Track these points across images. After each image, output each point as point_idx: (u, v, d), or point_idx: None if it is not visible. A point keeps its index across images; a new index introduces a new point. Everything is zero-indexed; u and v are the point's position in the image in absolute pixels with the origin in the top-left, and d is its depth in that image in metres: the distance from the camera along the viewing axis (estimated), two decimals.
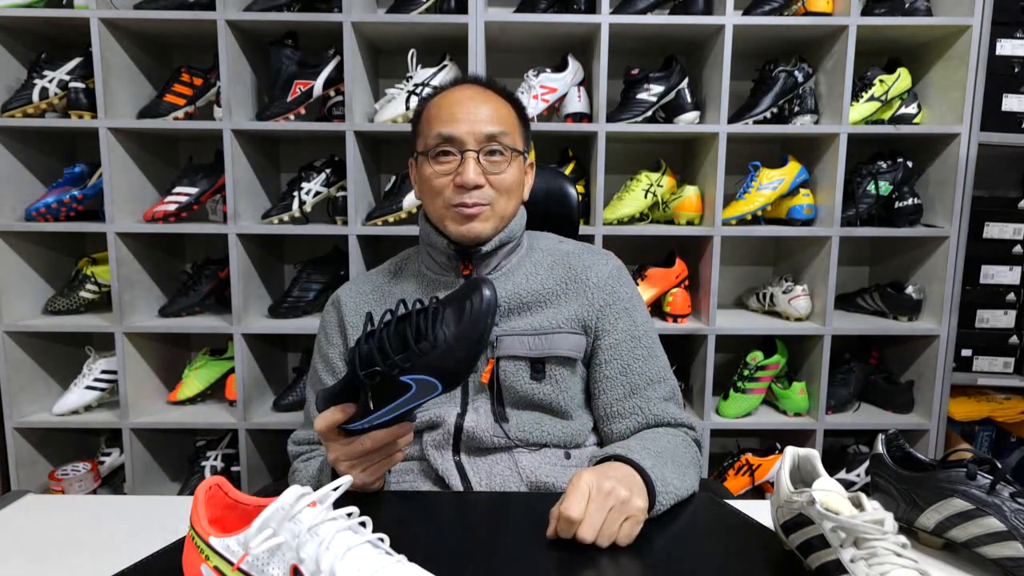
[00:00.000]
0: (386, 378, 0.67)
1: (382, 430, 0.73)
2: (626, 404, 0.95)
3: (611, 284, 0.98)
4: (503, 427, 0.91)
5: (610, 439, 0.96)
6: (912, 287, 1.83)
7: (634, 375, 0.95)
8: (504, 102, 0.98)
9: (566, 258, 1.01)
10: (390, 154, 2.00)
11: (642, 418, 0.93)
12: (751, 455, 1.87)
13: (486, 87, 0.98)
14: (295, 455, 1.00)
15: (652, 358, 0.97)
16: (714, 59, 1.72)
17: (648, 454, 0.79)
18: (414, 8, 1.69)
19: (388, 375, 0.66)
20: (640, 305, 1.02)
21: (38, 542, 0.72)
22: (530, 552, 0.67)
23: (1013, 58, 1.73)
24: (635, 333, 0.97)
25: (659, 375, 0.97)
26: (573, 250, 1.03)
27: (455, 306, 0.68)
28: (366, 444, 0.73)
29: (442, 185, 0.93)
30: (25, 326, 1.74)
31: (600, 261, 1.01)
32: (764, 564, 0.66)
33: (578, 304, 0.96)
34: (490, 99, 0.96)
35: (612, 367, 0.96)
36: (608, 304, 0.97)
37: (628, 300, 0.99)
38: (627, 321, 0.97)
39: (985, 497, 0.64)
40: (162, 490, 1.91)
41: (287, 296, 1.82)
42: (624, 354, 0.96)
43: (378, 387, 0.68)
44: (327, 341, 1.03)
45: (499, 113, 0.95)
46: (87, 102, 1.68)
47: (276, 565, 0.51)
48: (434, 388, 0.67)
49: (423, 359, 0.66)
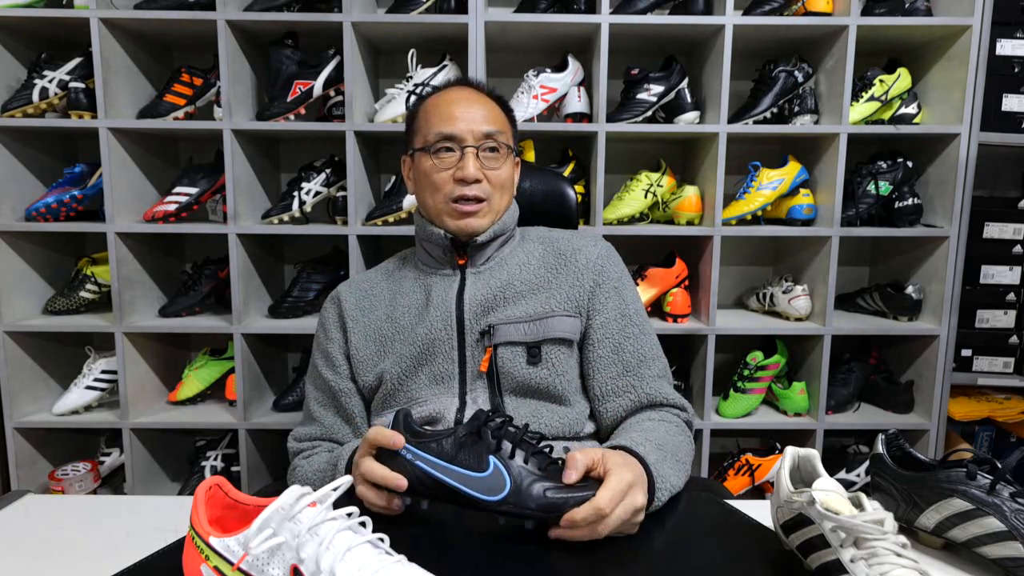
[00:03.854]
0: (487, 446, 0.68)
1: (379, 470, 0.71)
2: (620, 383, 0.97)
3: (600, 264, 1.01)
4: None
5: (604, 419, 0.98)
6: (912, 287, 1.83)
7: (626, 353, 0.97)
8: (495, 104, 1.03)
9: (556, 244, 1.04)
10: (390, 154, 2.00)
11: (635, 396, 0.95)
12: (751, 455, 1.87)
13: (478, 89, 1.04)
14: (296, 452, 1.01)
15: (643, 336, 1.00)
16: (714, 59, 1.72)
17: (652, 447, 0.81)
18: (414, 8, 1.69)
19: (499, 440, 0.69)
20: (630, 284, 1.04)
21: (38, 542, 0.72)
22: (530, 552, 0.67)
23: (1013, 58, 1.73)
24: (625, 311, 1.00)
25: (651, 352, 0.99)
26: (562, 236, 1.07)
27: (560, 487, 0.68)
28: (362, 466, 0.72)
29: (442, 180, 0.97)
30: (25, 326, 1.74)
31: (589, 243, 1.04)
32: (764, 564, 0.66)
33: (569, 286, 0.99)
34: (483, 100, 1.01)
35: (604, 346, 0.98)
36: (598, 284, 0.99)
37: (617, 280, 1.02)
38: (617, 300, 1.00)
39: (985, 497, 0.64)
40: (162, 490, 1.91)
41: (287, 296, 1.82)
42: (615, 333, 0.98)
43: (474, 442, 0.69)
44: (326, 337, 1.03)
45: (493, 113, 1.00)
46: (87, 102, 1.68)
47: (276, 565, 0.51)
48: (499, 491, 0.67)
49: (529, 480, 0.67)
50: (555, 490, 0.67)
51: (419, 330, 0.97)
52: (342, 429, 1.01)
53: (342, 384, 1.01)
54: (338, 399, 1.00)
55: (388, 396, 0.98)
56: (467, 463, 0.68)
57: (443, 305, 0.97)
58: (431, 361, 0.96)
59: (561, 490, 0.67)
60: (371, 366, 0.99)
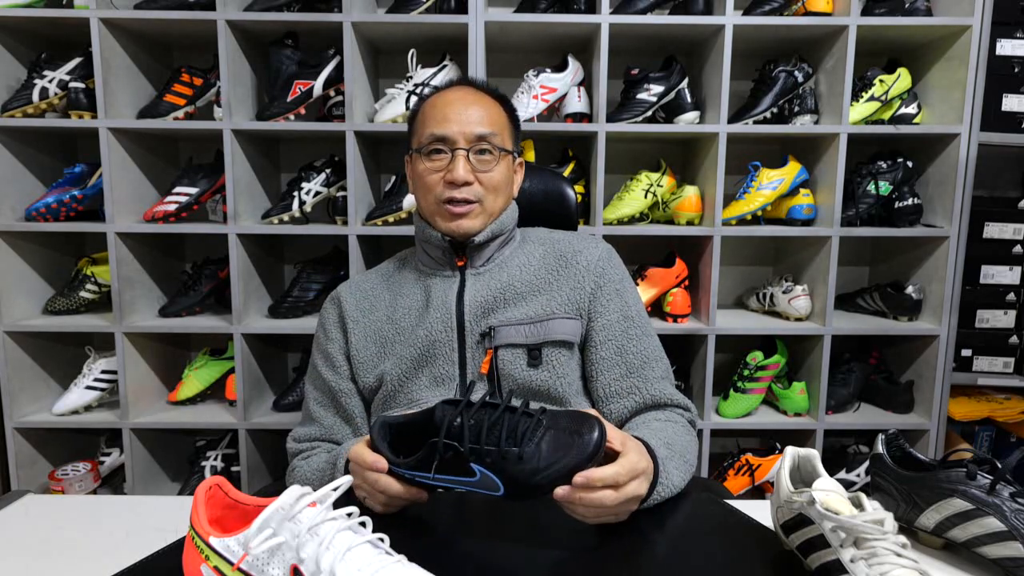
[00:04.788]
0: (459, 457, 0.65)
1: (405, 487, 0.70)
2: (624, 384, 0.97)
3: (601, 266, 1.01)
4: None
5: (609, 420, 0.96)
6: (912, 287, 1.83)
7: (630, 355, 0.97)
8: (495, 104, 1.02)
9: (556, 246, 1.04)
10: (390, 154, 2.00)
11: (640, 398, 0.96)
12: (751, 455, 1.87)
13: (478, 89, 1.02)
14: (295, 452, 1.01)
15: (646, 337, 1.00)
16: (714, 59, 1.72)
17: (661, 444, 0.81)
18: (414, 8, 1.69)
19: (465, 457, 0.65)
20: (631, 286, 1.04)
21: (38, 542, 0.72)
22: (530, 552, 0.67)
23: (1013, 58, 1.73)
24: (628, 313, 1.00)
25: (654, 354, 0.99)
26: (563, 238, 1.06)
27: (561, 432, 0.66)
28: (380, 484, 0.71)
29: (433, 182, 0.97)
30: (25, 326, 1.74)
31: (590, 246, 1.03)
32: (764, 564, 0.66)
33: (570, 288, 0.98)
34: (481, 101, 1.00)
35: (607, 348, 0.97)
36: (599, 286, 0.99)
37: (619, 282, 1.02)
38: (619, 302, 1.00)
39: (985, 497, 0.64)
40: (162, 490, 1.91)
41: (287, 296, 1.82)
42: (618, 335, 0.98)
43: (445, 459, 0.66)
44: (326, 337, 1.03)
45: (490, 114, 0.99)
46: (87, 102, 1.68)
47: (276, 565, 0.51)
48: (495, 490, 0.65)
49: (504, 463, 0.64)
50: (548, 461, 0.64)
51: (419, 332, 0.97)
52: (342, 429, 1.01)
53: (342, 384, 1.00)
54: (338, 399, 1.00)
55: (388, 397, 0.97)
56: (454, 472, 0.66)
57: (443, 307, 0.97)
58: (431, 363, 0.96)
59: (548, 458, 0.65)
60: (371, 367, 0.99)
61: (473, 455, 0.65)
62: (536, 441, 0.65)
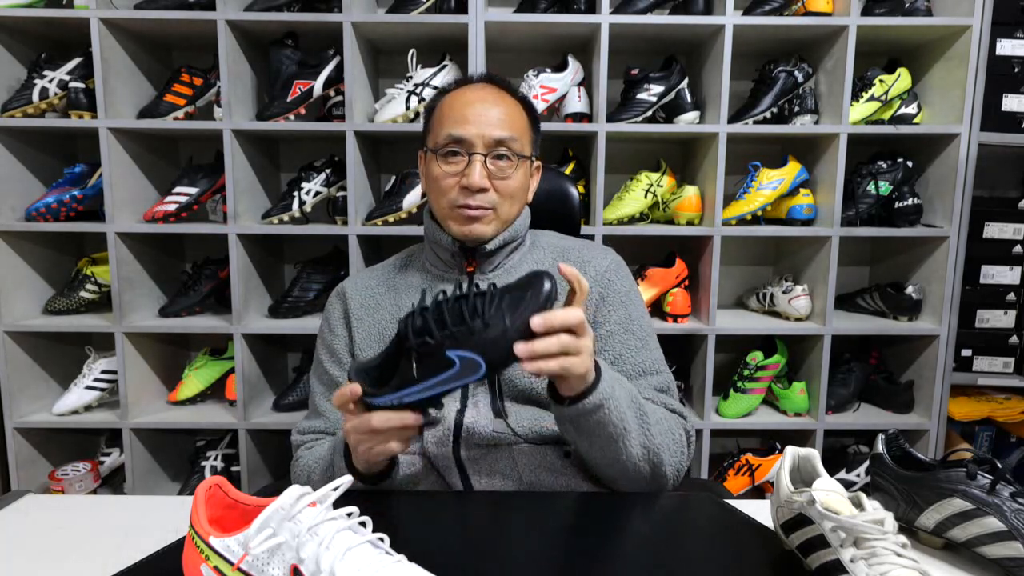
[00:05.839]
0: (434, 350, 0.67)
1: (392, 412, 0.71)
2: None
3: (608, 278, 1.00)
4: (502, 422, 0.92)
5: None
6: (912, 287, 1.83)
7: (626, 364, 0.95)
8: (517, 105, 0.99)
9: (566, 254, 1.02)
10: (390, 154, 2.00)
11: None
12: (751, 455, 1.87)
13: (500, 88, 0.99)
14: (298, 444, 1.00)
15: (645, 350, 0.98)
16: (714, 59, 1.72)
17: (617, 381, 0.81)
18: (414, 8, 1.69)
19: (439, 345, 0.67)
20: (637, 300, 1.02)
21: (38, 542, 0.72)
22: (530, 552, 0.67)
23: (1013, 58, 1.73)
24: (629, 326, 0.98)
25: (652, 367, 0.97)
26: (573, 246, 1.05)
27: (514, 294, 0.69)
28: (372, 422, 0.72)
29: (448, 185, 0.94)
30: (25, 326, 1.74)
31: (599, 255, 1.02)
32: (764, 564, 0.66)
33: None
34: (503, 101, 0.96)
35: (603, 357, 0.96)
36: (604, 297, 0.98)
37: (625, 294, 1.00)
38: (621, 313, 0.98)
39: (985, 497, 0.64)
40: (162, 490, 1.91)
41: (287, 296, 1.82)
42: (616, 345, 0.96)
43: (422, 359, 0.68)
44: (331, 332, 1.03)
45: (510, 117, 0.96)
46: (87, 102, 1.68)
47: (276, 565, 0.51)
48: (477, 369, 0.67)
49: (476, 337, 0.67)
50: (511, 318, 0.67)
51: None
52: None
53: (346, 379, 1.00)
54: None
55: None
56: (434, 371, 0.68)
57: None
58: None
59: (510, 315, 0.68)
60: None
61: (446, 340, 0.67)
62: (497, 307, 0.68)
